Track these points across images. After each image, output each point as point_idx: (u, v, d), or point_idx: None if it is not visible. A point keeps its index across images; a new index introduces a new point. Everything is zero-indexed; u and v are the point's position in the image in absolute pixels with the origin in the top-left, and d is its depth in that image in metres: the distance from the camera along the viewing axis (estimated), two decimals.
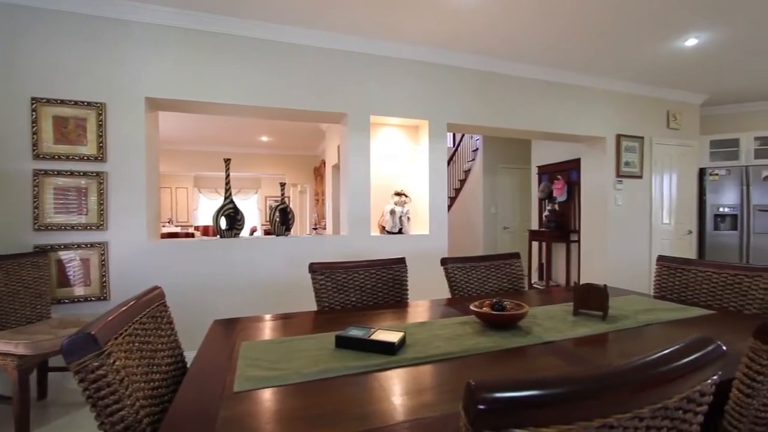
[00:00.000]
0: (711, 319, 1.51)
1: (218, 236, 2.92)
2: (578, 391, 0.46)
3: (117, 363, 0.84)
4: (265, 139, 7.36)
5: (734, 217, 4.75)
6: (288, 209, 3.13)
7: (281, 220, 3.10)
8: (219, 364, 1.11)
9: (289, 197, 9.44)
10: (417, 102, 3.41)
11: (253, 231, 9.92)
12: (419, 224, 3.60)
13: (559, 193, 5.19)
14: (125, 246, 2.63)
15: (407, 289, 1.97)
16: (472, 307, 1.42)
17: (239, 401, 0.89)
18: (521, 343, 1.24)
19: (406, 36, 3.14)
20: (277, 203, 3.13)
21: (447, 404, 0.86)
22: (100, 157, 2.54)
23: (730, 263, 1.79)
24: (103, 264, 2.56)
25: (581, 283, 1.59)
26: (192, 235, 8.26)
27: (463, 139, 7.41)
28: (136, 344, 0.99)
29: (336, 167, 5.52)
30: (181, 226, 9.86)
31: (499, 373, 1.04)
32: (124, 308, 0.99)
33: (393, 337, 1.18)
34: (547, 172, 5.53)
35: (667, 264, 2.00)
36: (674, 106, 4.67)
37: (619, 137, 4.30)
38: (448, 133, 6.57)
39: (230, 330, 1.43)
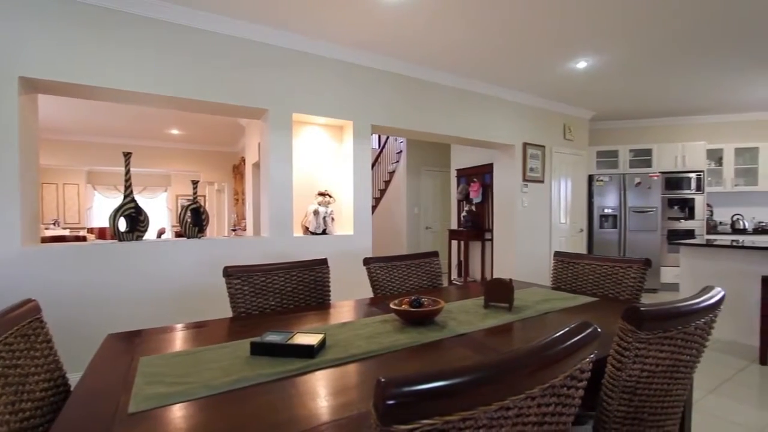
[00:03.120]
0: (595, 306, 1.75)
1: (116, 239, 2.59)
2: (477, 379, 0.49)
3: None
4: (175, 132, 6.73)
5: (615, 217, 5.56)
6: (201, 209, 2.90)
7: (193, 220, 2.86)
8: (111, 383, 0.98)
9: (204, 196, 8.76)
10: (341, 102, 3.40)
11: (161, 233, 9.00)
12: (343, 224, 3.60)
13: (475, 195, 5.57)
14: None
15: (329, 291, 1.94)
16: (391, 305, 1.46)
17: (134, 423, 0.79)
18: (437, 337, 1.30)
19: (333, 35, 3.12)
20: (189, 202, 2.88)
21: (365, 403, 0.86)
22: None
23: (609, 257, 2.08)
24: None
25: (493, 278, 1.72)
26: (84, 239, 7.22)
27: (388, 141, 7.58)
28: None
29: (257, 165, 5.26)
30: (71, 228, 8.58)
31: (415, 368, 1.08)
32: None
33: (312, 339, 1.16)
34: (465, 176, 5.91)
35: (562, 258, 2.26)
36: (569, 120, 5.31)
37: (525, 145, 4.75)
38: (373, 135, 6.68)
39: (128, 344, 1.28)
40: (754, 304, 3.21)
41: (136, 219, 2.63)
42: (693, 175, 5.44)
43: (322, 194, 3.39)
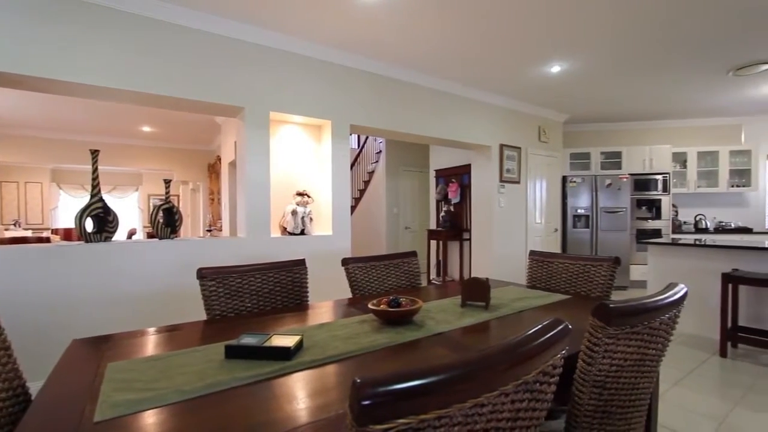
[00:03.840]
0: (567, 303, 1.80)
1: (83, 241, 2.48)
2: (452, 378, 0.50)
3: None
4: (147, 129, 6.51)
5: (587, 217, 5.74)
6: (174, 209, 2.81)
7: (166, 221, 2.77)
8: (75, 391, 0.94)
9: (177, 196, 8.52)
10: (320, 101, 3.37)
11: (131, 234, 8.69)
12: (322, 225, 3.57)
13: (454, 195, 5.64)
14: None
15: (307, 291, 1.92)
16: (370, 306, 1.45)
17: None
18: (415, 336, 1.31)
19: (312, 34, 3.09)
20: (161, 202, 2.79)
21: (342, 404, 0.86)
22: None
23: (582, 255, 2.14)
24: None
25: (470, 277, 1.74)
26: (48, 240, 6.89)
27: (367, 141, 7.57)
28: None
29: (233, 164, 5.15)
30: (33, 229, 8.17)
31: (393, 368, 1.08)
32: None
33: (289, 341, 1.14)
34: (444, 176, 5.97)
35: (536, 258, 2.31)
36: (544, 122, 5.45)
37: (501, 147, 4.85)
38: (352, 135, 6.64)
39: (95, 350, 1.22)
40: (714, 300, 3.38)
41: (104, 219, 2.53)
42: (659, 177, 5.69)
43: (300, 194, 3.35)
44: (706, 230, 5.82)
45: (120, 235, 7.71)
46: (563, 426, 0.97)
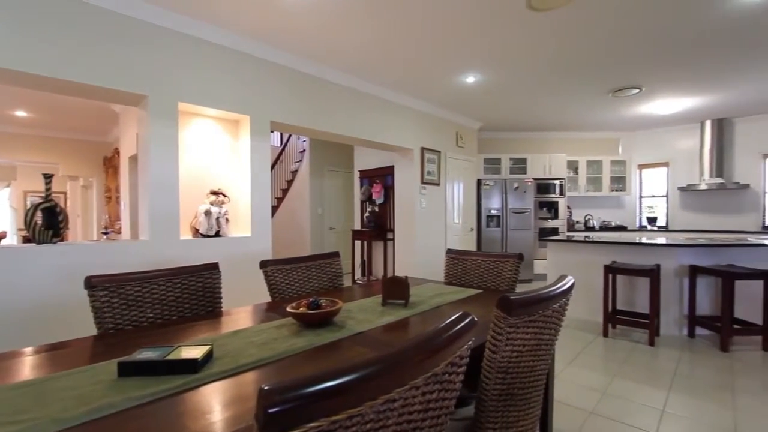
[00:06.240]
0: (479, 297, 1.93)
1: None
2: (363, 376, 0.50)
3: None
4: (21, 114, 5.53)
5: (498, 217, 6.26)
6: (57, 208, 2.42)
7: (47, 222, 2.37)
8: None
9: (64, 193, 7.39)
10: (237, 95, 3.18)
11: (0, 237, 7.29)
12: (240, 226, 3.37)
13: (378, 196, 5.74)
14: None
15: (221, 297, 1.79)
16: (288, 309, 1.41)
17: None
18: (335, 337, 1.30)
19: (231, 23, 2.89)
20: (40, 200, 2.39)
21: (252, 414, 0.81)
22: None
23: (491, 253, 2.32)
24: None
25: (390, 276, 1.78)
26: None
27: (290, 139, 7.35)
28: None
29: (134, 158, 4.62)
30: None
31: (310, 371, 1.05)
32: None
33: (196, 352, 1.05)
34: (368, 177, 6.04)
35: (453, 255, 2.45)
36: (461, 129, 5.81)
37: (423, 150, 5.06)
38: (274, 132, 6.37)
39: None
40: (599, 288, 3.92)
41: None
42: (557, 182, 6.42)
43: (215, 193, 3.12)
44: (593, 228, 6.73)
45: None
46: (473, 411, 1.04)
